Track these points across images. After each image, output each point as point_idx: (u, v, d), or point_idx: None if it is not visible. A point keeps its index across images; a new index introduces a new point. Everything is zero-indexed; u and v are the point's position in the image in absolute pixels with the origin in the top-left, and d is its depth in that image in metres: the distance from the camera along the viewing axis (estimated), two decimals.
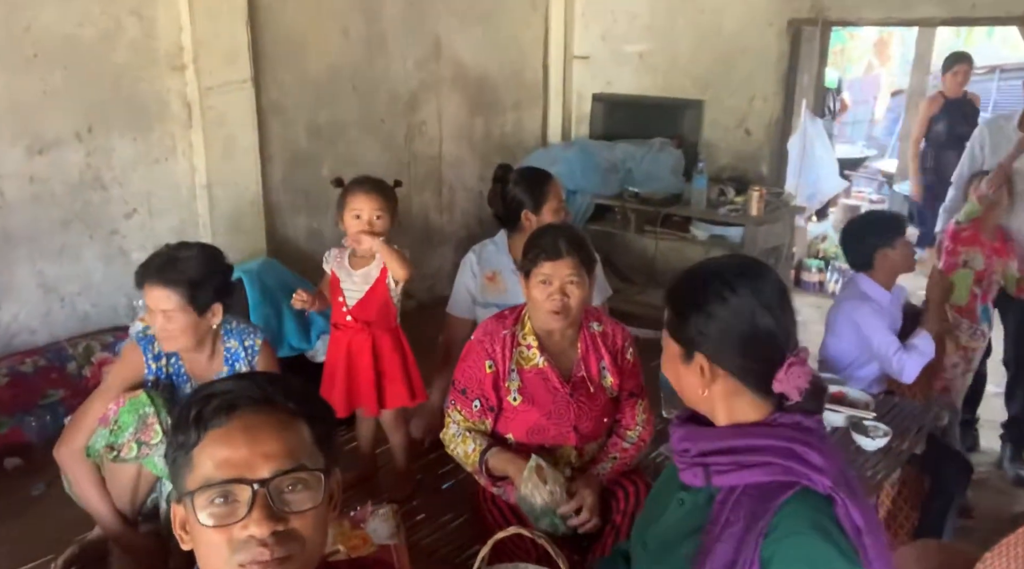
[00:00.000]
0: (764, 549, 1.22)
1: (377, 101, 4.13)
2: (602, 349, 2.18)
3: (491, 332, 2.17)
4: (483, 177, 4.71)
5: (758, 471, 1.27)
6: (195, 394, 1.07)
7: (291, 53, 3.68)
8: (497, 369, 2.13)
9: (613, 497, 2.12)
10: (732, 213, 4.31)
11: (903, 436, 2.66)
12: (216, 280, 2.14)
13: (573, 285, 2.06)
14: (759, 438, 1.30)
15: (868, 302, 2.98)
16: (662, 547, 1.38)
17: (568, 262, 2.05)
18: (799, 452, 1.26)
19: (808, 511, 1.23)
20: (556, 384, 2.12)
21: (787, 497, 1.24)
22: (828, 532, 1.21)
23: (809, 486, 1.25)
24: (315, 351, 3.18)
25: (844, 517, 1.23)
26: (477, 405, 2.14)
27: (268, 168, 3.64)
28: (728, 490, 1.29)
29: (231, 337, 2.28)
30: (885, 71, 10.20)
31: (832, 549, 1.20)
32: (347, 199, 2.41)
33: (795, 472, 1.25)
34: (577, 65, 5.18)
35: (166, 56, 3.25)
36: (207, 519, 1.00)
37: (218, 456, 1.01)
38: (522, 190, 2.76)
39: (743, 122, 4.70)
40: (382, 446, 2.69)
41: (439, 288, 3.42)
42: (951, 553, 2.46)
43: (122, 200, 3.24)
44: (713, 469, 1.30)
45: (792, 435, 1.29)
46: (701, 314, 1.33)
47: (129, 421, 2.11)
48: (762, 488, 1.26)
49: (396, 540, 2.00)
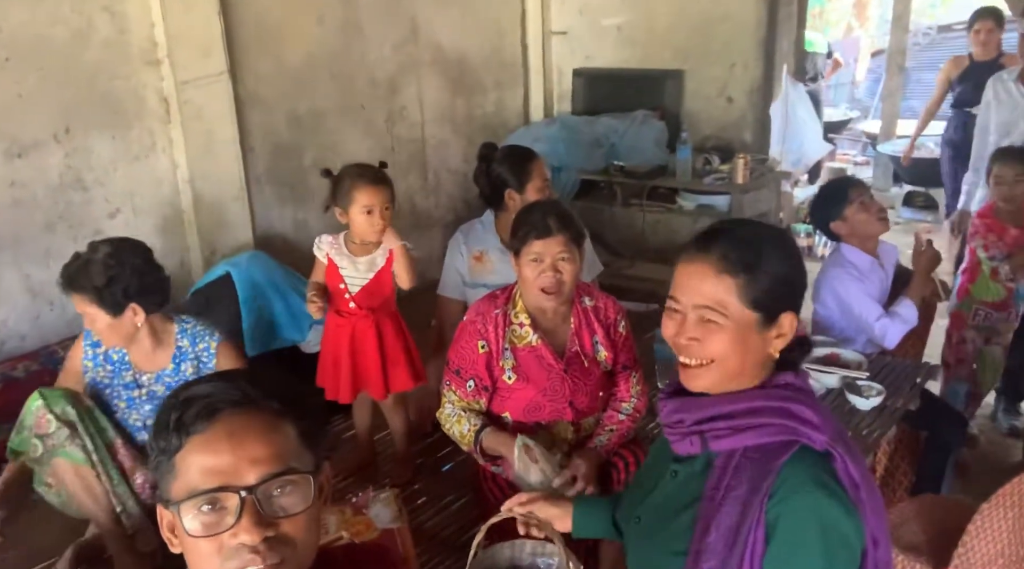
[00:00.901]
0: (769, 511, 1.22)
1: (356, 87, 4.10)
2: (595, 323, 2.18)
3: (483, 312, 2.17)
4: (468, 159, 4.69)
5: (756, 433, 1.27)
6: (173, 397, 1.03)
7: (267, 43, 3.65)
8: (490, 349, 2.13)
9: (613, 467, 2.13)
10: (718, 182, 4.31)
11: (897, 394, 2.69)
12: (127, 281, 2.12)
13: (565, 261, 2.05)
14: (754, 400, 1.30)
15: (848, 269, 2.98)
16: (657, 520, 1.38)
17: (559, 239, 2.04)
18: (795, 411, 1.27)
19: (809, 469, 1.23)
20: (550, 361, 2.13)
21: (787, 457, 1.24)
22: (831, 488, 1.22)
23: (807, 444, 1.25)
24: (308, 342, 3.18)
25: (843, 473, 1.25)
26: (471, 385, 2.15)
27: (250, 160, 3.62)
28: (727, 454, 1.29)
29: (185, 337, 2.29)
30: (864, 32, 10.18)
31: (836, 505, 1.21)
32: (354, 194, 2.37)
33: (793, 431, 1.26)
34: (556, 41, 5.15)
35: (140, 52, 3.22)
36: (195, 528, 0.97)
37: (202, 464, 0.98)
38: (506, 169, 2.75)
39: (724, 90, 4.69)
40: (380, 432, 2.70)
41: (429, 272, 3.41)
42: (949, 507, 2.49)
43: (104, 200, 3.22)
44: (710, 435, 1.30)
45: (786, 395, 1.30)
46: (792, 272, 1.32)
47: (28, 421, 2.15)
48: (762, 450, 1.26)
49: (399, 524, 2.01)
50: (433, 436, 2.70)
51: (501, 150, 2.88)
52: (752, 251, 1.29)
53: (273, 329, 3.20)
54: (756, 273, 1.28)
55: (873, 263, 3.02)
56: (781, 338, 1.31)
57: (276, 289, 3.24)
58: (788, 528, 1.21)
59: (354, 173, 2.41)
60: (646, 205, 4.49)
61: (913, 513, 2.45)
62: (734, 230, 1.33)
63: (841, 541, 1.22)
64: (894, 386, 2.72)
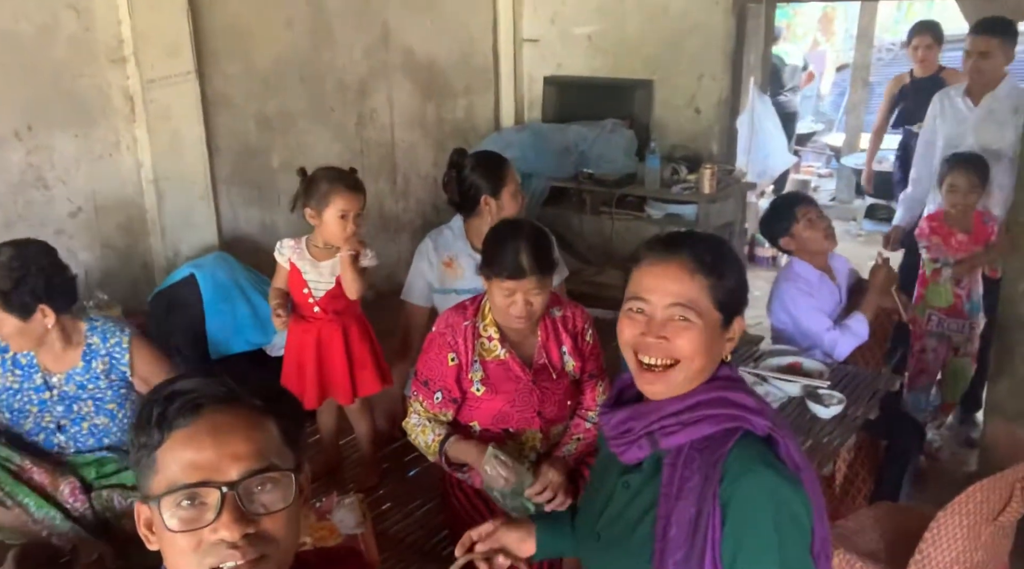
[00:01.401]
0: (721, 494, 1.26)
1: (326, 90, 4.08)
2: (563, 334, 2.20)
3: (452, 324, 2.16)
4: (437, 163, 4.69)
5: (703, 425, 1.31)
6: (155, 393, 1.03)
7: (236, 44, 3.62)
8: (460, 361, 2.13)
9: (580, 476, 2.14)
10: (685, 191, 4.35)
11: (857, 403, 2.73)
12: (32, 283, 2.09)
13: (536, 295, 2.05)
14: (696, 396, 1.34)
15: (797, 283, 3.06)
16: (618, 533, 1.39)
17: (531, 280, 2.02)
18: (734, 399, 1.32)
19: (754, 452, 1.28)
20: (518, 372, 2.14)
21: (734, 442, 1.29)
22: (778, 468, 1.27)
23: (750, 430, 1.30)
24: (273, 345, 3.15)
25: (785, 455, 1.30)
26: (439, 397, 2.15)
27: (217, 161, 3.58)
28: (676, 451, 1.32)
29: (95, 334, 2.26)
30: (830, 46, 10.34)
31: (785, 483, 1.26)
32: (332, 197, 2.34)
33: (736, 418, 1.31)
34: (527, 48, 5.17)
35: (106, 49, 3.17)
36: (174, 523, 0.97)
37: (183, 458, 0.97)
38: (479, 175, 2.76)
39: (692, 101, 4.74)
40: (345, 437, 2.68)
41: (397, 276, 3.40)
42: (906, 514, 2.54)
43: (66, 199, 3.16)
44: (660, 433, 1.33)
45: (723, 385, 1.35)
46: (739, 277, 1.38)
47: None
48: (709, 439, 1.31)
49: (363, 529, 1.99)
50: (399, 441, 2.69)
51: (472, 156, 2.88)
52: (717, 255, 1.35)
53: (238, 332, 3.17)
54: (722, 276, 1.34)
55: (822, 277, 3.08)
56: (731, 341, 1.38)
57: (241, 291, 3.21)
58: (740, 507, 1.25)
59: (332, 176, 2.38)
60: (615, 213, 4.52)
61: (871, 520, 2.49)
62: (696, 235, 1.41)
63: (792, 517, 1.26)
64: (854, 395, 2.76)
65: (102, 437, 2.30)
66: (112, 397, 2.29)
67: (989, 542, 2.18)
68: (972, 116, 3.70)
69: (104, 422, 2.29)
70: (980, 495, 2.08)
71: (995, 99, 3.66)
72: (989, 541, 2.17)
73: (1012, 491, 2.09)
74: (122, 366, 2.28)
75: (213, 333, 3.14)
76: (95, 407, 2.28)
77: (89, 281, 3.23)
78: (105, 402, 2.29)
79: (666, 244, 1.37)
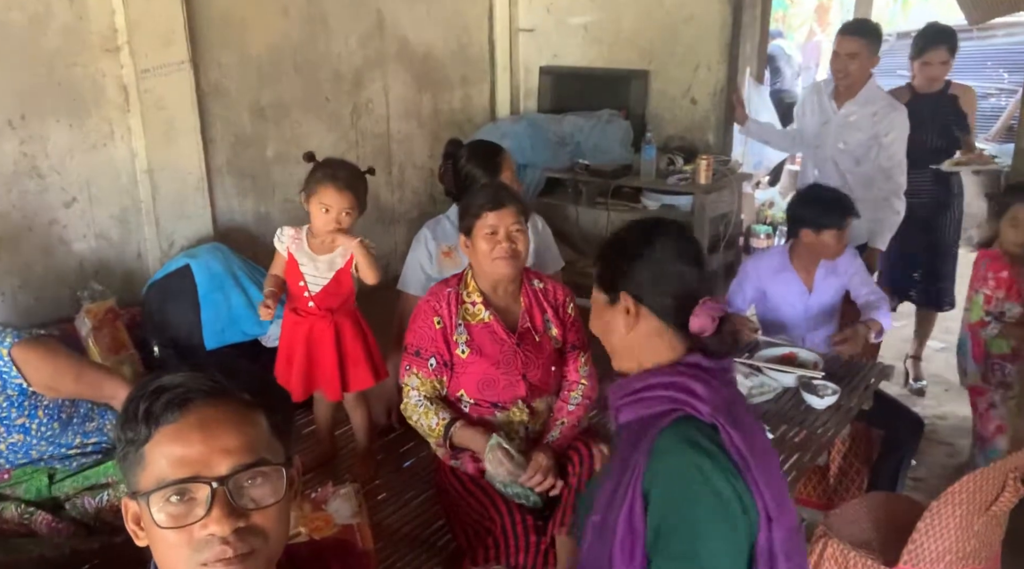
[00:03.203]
0: (647, 472, 1.33)
1: (321, 80, 4.06)
2: (544, 303, 2.28)
3: (435, 292, 2.25)
4: (433, 154, 4.67)
5: (645, 404, 1.40)
6: (142, 388, 1.01)
7: (230, 33, 3.60)
8: (445, 324, 2.20)
9: (569, 461, 2.16)
10: (681, 182, 4.35)
11: (852, 394, 2.74)
12: None
13: (519, 232, 2.14)
14: (654, 377, 1.42)
15: (754, 256, 3.18)
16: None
17: (511, 210, 2.13)
18: (683, 384, 1.38)
19: (683, 431, 1.34)
20: (503, 335, 2.20)
21: (666, 423, 1.35)
22: (705, 448, 1.31)
23: (694, 415, 1.35)
24: (268, 336, 3.14)
25: (728, 443, 1.33)
26: (433, 363, 2.20)
27: (211, 151, 3.56)
28: (624, 426, 1.43)
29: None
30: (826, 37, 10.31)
31: (708, 462, 1.30)
32: (317, 188, 2.31)
33: (677, 401, 1.36)
34: (523, 38, 5.15)
35: (99, 39, 3.15)
36: (164, 519, 0.96)
37: (172, 454, 0.96)
38: (475, 165, 2.76)
39: (688, 92, 4.73)
40: (340, 428, 2.68)
41: (393, 268, 3.40)
42: (900, 504, 2.55)
43: (60, 188, 3.15)
44: (616, 411, 1.45)
45: (685, 371, 1.40)
46: (624, 257, 1.47)
47: None
48: (647, 418, 1.38)
49: (358, 519, 2.00)
50: (395, 432, 2.69)
51: (468, 146, 2.88)
52: (612, 239, 1.54)
53: (233, 322, 3.16)
54: (604, 258, 1.52)
55: (787, 268, 3.11)
56: (628, 318, 1.45)
57: (236, 282, 3.20)
58: (662, 485, 1.32)
59: (328, 171, 2.34)
60: (611, 204, 4.52)
61: (864, 510, 2.51)
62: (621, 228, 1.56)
63: (713, 495, 1.29)
64: (849, 386, 2.77)
65: (28, 450, 2.17)
66: (18, 413, 2.11)
67: (982, 532, 2.19)
68: (835, 119, 3.62)
69: (20, 438, 2.14)
70: (973, 485, 2.10)
71: (856, 103, 3.56)
72: (982, 531, 2.19)
73: (1005, 481, 2.10)
74: (14, 379, 2.07)
75: (208, 324, 3.14)
76: (5, 428, 2.11)
77: (83, 272, 3.22)
78: (13, 419, 2.11)
79: None
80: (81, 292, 3.07)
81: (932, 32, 3.88)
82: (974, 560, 2.23)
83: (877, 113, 3.52)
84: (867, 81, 3.56)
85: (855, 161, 3.60)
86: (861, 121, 3.55)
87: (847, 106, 3.59)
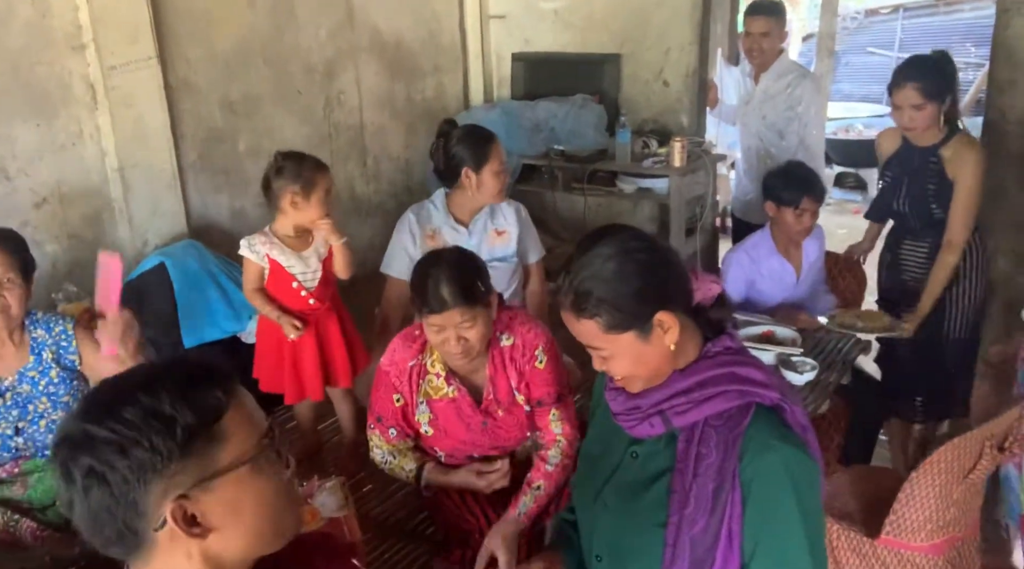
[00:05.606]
0: (743, 473, 1.30)
1: (291, 73, 4.02)
2: (511, 367, 2.07)
3: (397, 363, 2.10)
4: (408, 145, 4.65)
5: (715, 402, 1.34)
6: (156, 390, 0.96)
7: (196, 28, 3.55)
8: (405, 401, 2.11)
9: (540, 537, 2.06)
10: (656, 165, 4.36)
11: (830, 369, 2.77)
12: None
13: (468, 329, 1.92)
14: (704, 372, 1.36)
15: (744, 245, 3.18)
16: (628, 498, 1.43)
17: (456, 311, 1.89)
18: (742, 374, 1.35)
19: (770, 427, 1.32)
20: (468, 412, 2.08)
21: (749, 419, 1.32)
22: (793, 440, 1.32)
23: (760, 402, 1.33)
24: (247, 332, 3.13)
25: (793, 422, 1.34)
26: (393, 432, 2.15)
27: (182, 147, 3.52)
28: (690, 428, 1.35)
29: (37, 327, 2.22)
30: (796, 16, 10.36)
31: (801, 454, 1.31)
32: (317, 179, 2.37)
33: (747, 393, 1.33)
34: (494, 24, 5.12)
35: (64, 36, 3.10)
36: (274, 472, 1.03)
37: (250, 416, 1.01)
38: (464, 148, 2.74)
39: (661, 74, 4.73)
40: (324, 422, 2.68)
41: (371, 261, 3.38)
42: (881, 476, 2.59)
43: (30, 190, 3.10)
44: (671, 412, 1.36)
45: (727, 359, 1.37)
46: (631, 285, 1.32)
47: None
48: (723, 416, 1.34)
49: (345, 512, 2.00)
50: None
51: (461, 128, 2.85)
52: (591, 290, 1.32)
53: (210, 319, 3.14)
54: (602, 307, 1.32)
55: (774, 253, 3.14)
56: (668, 332, 1.34)
57: (212, 279, 3.18)
58: (762, 486, 1.29)
59: (295, 159, 2.41)
60: (587, 189, 4.52)
61: (847, 483, 2.54)
62: (579, 272, 1.34)
63: (810, 487, 1.31)
64: (827, 361, 2.80)
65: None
66: (66, 390, 2.21)
67: (960, 499, 2.23)
68: (755, 96, 3.86)
69: (61, 416, 2.22)
70: (951, 454, 2.13)
71: (770, 76, 3.81)
72: (960, 498, 2.23)
73: (982, 449, 2.14)
74: (70, 354, 2.22)
75: (185, 321, 3.11)
76: (51, 403, 2.20)
77: (57, 273, 3.18)
78: (60, 396, 2.21)
79: (561, 291, 1.39)
80: (56, 294, 3.04)
81: (903, 66, 2.87)
82: (954, 528, 2.27)
83: (791, 83, 3.74)
84: (779, 55, 3.79)
85: (779, 134, 3.79)
86: (778, 93, 3.77)
87: (763, 80, 3.82)
